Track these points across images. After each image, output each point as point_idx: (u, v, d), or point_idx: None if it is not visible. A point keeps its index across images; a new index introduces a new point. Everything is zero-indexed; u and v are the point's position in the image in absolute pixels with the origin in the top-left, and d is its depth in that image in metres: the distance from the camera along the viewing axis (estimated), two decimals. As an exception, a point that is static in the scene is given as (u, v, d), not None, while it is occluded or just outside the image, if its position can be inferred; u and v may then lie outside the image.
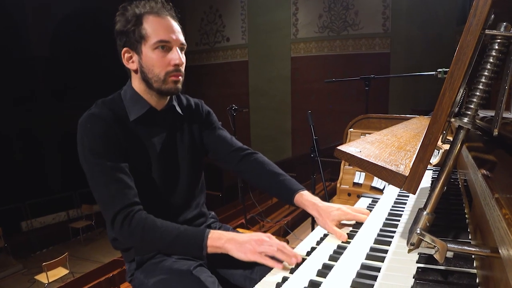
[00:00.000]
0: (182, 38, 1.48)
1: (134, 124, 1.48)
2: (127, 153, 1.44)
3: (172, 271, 1.42)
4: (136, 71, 1.48)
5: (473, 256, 0.93)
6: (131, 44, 1.44)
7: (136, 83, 1.52)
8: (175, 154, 1.60)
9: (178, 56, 1.43)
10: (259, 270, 1.43)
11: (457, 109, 0.76)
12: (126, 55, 1.47)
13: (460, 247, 0.73)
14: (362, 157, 0.91)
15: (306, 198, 1.53)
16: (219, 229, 1.74)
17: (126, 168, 1.41)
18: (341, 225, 1.46)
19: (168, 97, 1.57)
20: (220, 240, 1.28)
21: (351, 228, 1.44)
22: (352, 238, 1.32)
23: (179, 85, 1.49)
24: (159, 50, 1.41)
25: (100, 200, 1.38)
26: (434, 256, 0.76)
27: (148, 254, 1.51)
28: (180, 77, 1.48)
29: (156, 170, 1.53)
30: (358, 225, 1.44)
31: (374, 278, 0.95)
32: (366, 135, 2.71)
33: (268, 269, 1.19)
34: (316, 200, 1.52)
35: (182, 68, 1.49)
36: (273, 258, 1.20)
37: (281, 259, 1.18)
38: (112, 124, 1.41)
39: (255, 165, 1.69)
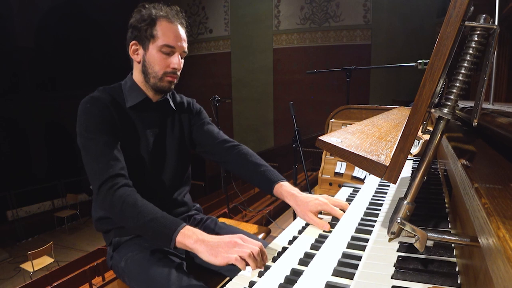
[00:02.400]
0: (185, 46, 1.62)
1: (130, 110, 1.61)
2: (120, 134, 1.54)
3: (143, 249, 1.50)
4: (138, 62, 1.61)
5: (453, 245, 0.95)
6: (140, 39, 1.57)
7: (137, 74, 1.64)
8: (164, 143, 1.70)
9: (178, 61, 1.58)
10: None
11: (437, 100, 0.77)
12: (133, 47, 1.60)
13: (440, 236, 0.74)
14: (343, 147, 0.91)
15: (285, 189, 1.57)
16: (205, 220, 1.80)
17: (117, 145, 1.50)
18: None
19: (162, 94, 1.68)
20: (190, 238, 1.25)
21: (331, 217, 1.45)
22: (333, 227, 1.33)
23: (173, 86, 1.64)
24: (163, 52, 1.55)
25: (89, 171, 1.44)
26: (415, 245, 0.76)
27: (125, 234, 1.59)
28: (175, 79, 1.62)
29: (145, 155, 1.62)
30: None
31: (355, 266, 0.96)
32: (347, 125, 2.73)
33: None
34: (295, 190, 1.55)
35: (178, 72, 1.63)
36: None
37: (253, 263, 1.13)
38: (109, 107, 1.53)
39: (239, 156, 1.75)
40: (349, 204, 1.57)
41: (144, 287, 1.43)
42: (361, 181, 2.74)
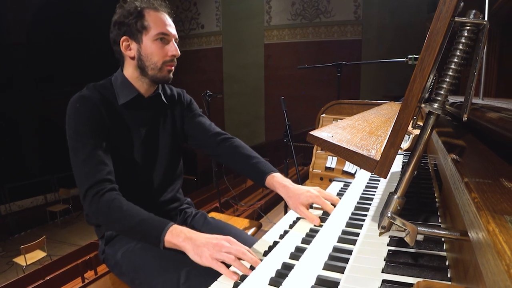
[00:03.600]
0: (176, 33, 1.61)
1: (122, 108, 1.58)
2: (111, 135, 1.52)
3: (138, 242, 1.49)
4: (132, 58, 1.57)
5: (443, 239, 0.95)
6: (131, 33, 1.54)
7: (129, 70, 1.61)
8: (157, 139, 1.69)
9: (175, 48, 1.57)
10: None
11: (427, 95, 0.77)
12: (124, 43, 1.56)
13: (430, 230, 0.75)
14: (334, 142, 0.91)
15: (277, 180, 1.57)
16: (195, 215, 1.81)
17: (106, 147, 1.48)
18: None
19: (156, 86, 1.67)
20: (179, 237, 1.25)
21: (322, 211, 1.46)
22: (324, 222, 1.34)
23: (171, 75, 1.62)
24: (159, 42, 1.54)
25: (77, 175, 1.43)
26: (405, 239, 0.77)
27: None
28: (173, 67, 1.61)
29: (138, 152, 1.61)
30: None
31: (346, 260, 0.96)
32: (338, 120, 2.74)
33: None
34: (287, 182, 1.55)
35: (175, 60, 1.61)
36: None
37: (238, 269, 1.11)
38: (99, 106, 1.50)
39: (231, 149, 1.75)
40: (340, 198, 1.57)
41: (143, 278, 1.42)
42: (352, 175, 2.75)
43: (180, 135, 1.79)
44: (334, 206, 1.45)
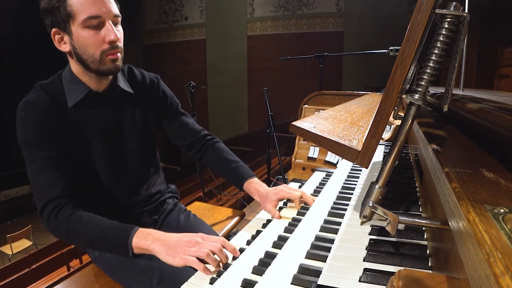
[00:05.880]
0: (115, 8, 1.31)
1: (73, 109, 1.37)
2: (65, 142, 1.35)
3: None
4: (69, 53, 1.34)
5: (423, 228, 0.97)
6: (59, 23, 1.28)
7: (74, 65, 1.39)
8: (121, 137, 1.51)
9: (112, 32, 1.28)
10: None
11: (408, 86, 0.78)
12: (56, 36, 1.32)
13: (411, 219, 0.76)
14: (316, 133, 0.91)
15: (252, 186, 1.59)
16: (171, 209, 1.75)
17: (60, 157, 1.32)
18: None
19: (111, 77, 1.45)
20: (146, 240, 1.19)
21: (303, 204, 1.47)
22: (307, 211, 1.34)
23: (119, 63, 1.36)
24: (90, 28, 1.26)
25: (32, 188, 1.32)
26: (386, 228, 0.78)
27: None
28: (118, 54, 1.34)
29: (100, 154, 1.45)
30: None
31: (328, 249, 0.97)
32: (320, 111, 2.75)
33: None
34: (261, 187, 1.57)
35: (120, 44, 1.34)
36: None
37: (211, 263, 1.07)
38: (47, 112, 1.31)
39: (213, 152, 1.73)
40: (322, 188, 1.59)
41: (118, 277, 1.40)
42: (334, 165, 2.77)
43: (153, 125, 1.62)
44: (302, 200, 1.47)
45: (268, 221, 1.36)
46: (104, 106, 1.44)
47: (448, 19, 0.72)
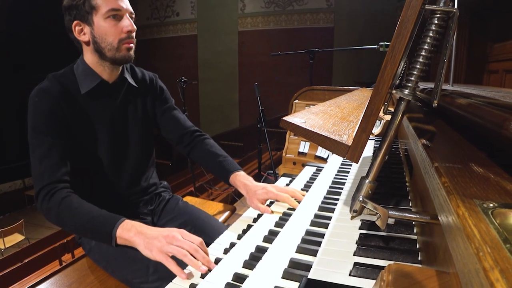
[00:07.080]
0: (130, 6, 1.50)
1: (85, 97, 1.49)
2: (73, 129, 1.45)
3: None
4: (88, 43, 1.48)
5: (413, 223, 0.97)
6: (81, 16, 1.44)
7: (88, 56, 1.51)
8: (126, 127, 1.62)
9: (129, 23, 1.46)
10: None
11: (398, 81, 0.78)
12: (77, 28, 1.46)
13: (401, 214, 0.76)
14: (306, 128, 0.91)
15: (238, 179, 1.60)
16: (169, 199, 1.80)
17: (66, 145, 1.41)
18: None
19: (120, 69, 1.58)
20: (130, 232, 1.21)
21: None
22: (297, 206, 1.35)
23: (132, 53, 1.51)
24: (111, 19, 1.43)
25: (32, 173, 1.38)
26: (376, 222, 0.78)
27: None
28: (132, 44, 1.50)
29: (105, 144, 1.54)
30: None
31: (318, 243, 0.98)
32: (311, 106, 2.75)
33: None
34: (248, 181, 1.58)
35: (134, 35, 1.51)
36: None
37: (189, 264, 1.06)
38: (59, 100, 1.42)
39: (202, 147, 1.77)
40: (313, 182, 1.59)
41: (114, 267, 1.41)
42: (324, 160, 2.78)
43: (152, 121, 1.74)
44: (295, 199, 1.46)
45: (259, 215, 1.36)
46: (112, 96, 1.57)
47: (438, 15, 0.72)
